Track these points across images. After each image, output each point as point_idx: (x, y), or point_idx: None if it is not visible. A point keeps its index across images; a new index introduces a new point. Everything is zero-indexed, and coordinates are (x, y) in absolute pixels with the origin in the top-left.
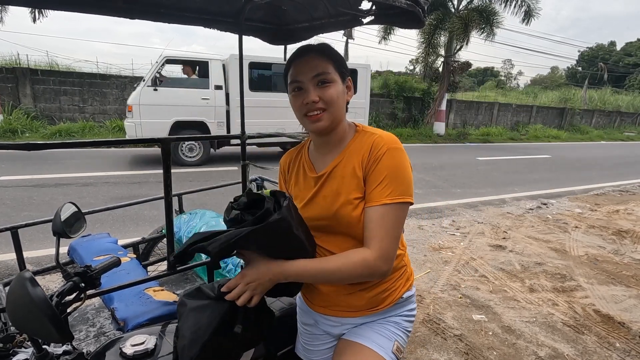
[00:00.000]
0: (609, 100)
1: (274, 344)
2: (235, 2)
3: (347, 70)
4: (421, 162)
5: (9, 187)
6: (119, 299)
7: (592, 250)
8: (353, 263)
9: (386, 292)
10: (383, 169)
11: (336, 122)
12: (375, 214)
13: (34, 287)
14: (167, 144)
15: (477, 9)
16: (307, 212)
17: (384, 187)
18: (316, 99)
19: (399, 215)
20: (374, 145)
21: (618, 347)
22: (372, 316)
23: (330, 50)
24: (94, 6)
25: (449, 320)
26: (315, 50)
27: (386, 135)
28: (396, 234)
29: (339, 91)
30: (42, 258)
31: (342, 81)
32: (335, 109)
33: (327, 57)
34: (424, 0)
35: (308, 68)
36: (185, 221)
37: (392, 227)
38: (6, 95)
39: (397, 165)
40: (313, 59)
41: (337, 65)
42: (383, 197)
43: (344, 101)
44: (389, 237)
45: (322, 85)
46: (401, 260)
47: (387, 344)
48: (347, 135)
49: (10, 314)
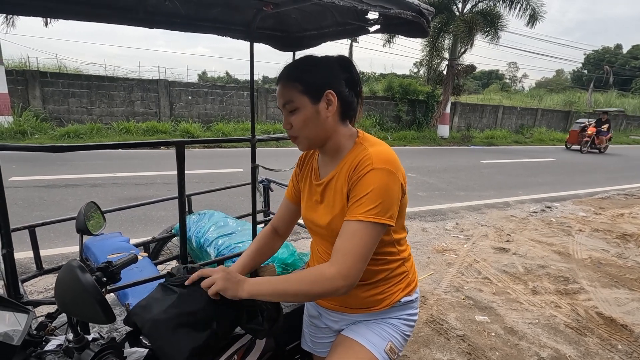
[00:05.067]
0: (614, 104)
1: (282, 338)
2: (246, 12)
3: (326, 84)
4: (425, 164)
5: (20, 187)
6: (134, 295)
7: (595, 254)
8: (311, 281)
9: (382, 295)
10: (364, 186)
11: (316, 142)
12: (347, 229)
13: (83, 273)
14: (181, 147)
15: (482, 12)
16: (310, 216)
17: (361, 204)
18: (288, 126)
19: (371, 234)
20: (360, 163)
21: (620, 349)
22: (368, 315)
23: (298, 71)
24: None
25: (452, 320)
26: (284, 77)
27: (378, 153)
28: (363, 253)
29: (307, 116)
30: (53, 257)
31: (313, 101)
32: (307, 133)
33: (294, 82)
34: (428, 11)
35: (279, 96)
36: (194, 221)
37: (360, 245)
38: (16, 97)
39: (378, 185)
40: (282, 87)
41: (307, 85)
42: (358, 213)
43: (318, 122)
44: (353, 254)
45: (290, 113)
46: (402, 265)
47: (380, 343)
48: (346, 146)
49: (59, 299)
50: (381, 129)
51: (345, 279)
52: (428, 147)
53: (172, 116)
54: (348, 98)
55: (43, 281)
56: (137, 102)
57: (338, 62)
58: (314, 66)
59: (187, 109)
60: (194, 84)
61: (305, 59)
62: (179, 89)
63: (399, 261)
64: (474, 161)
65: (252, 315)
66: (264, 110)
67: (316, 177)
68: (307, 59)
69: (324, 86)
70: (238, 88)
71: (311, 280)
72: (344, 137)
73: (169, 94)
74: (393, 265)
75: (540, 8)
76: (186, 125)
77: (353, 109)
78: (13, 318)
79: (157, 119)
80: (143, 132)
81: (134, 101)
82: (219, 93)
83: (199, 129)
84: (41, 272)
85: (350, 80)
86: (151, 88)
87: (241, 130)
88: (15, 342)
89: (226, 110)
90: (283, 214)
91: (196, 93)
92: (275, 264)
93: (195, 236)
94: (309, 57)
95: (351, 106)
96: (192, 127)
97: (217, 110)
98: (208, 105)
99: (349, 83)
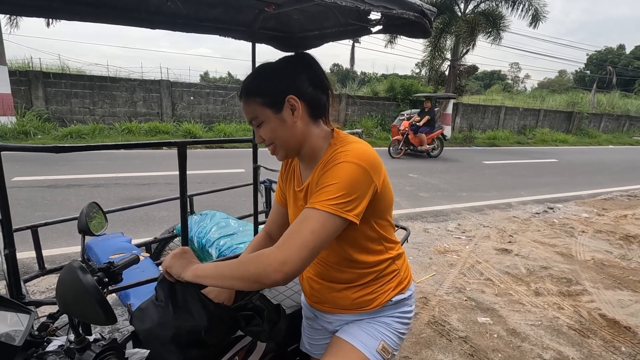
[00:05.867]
0: (617, 104)
1: (284, 340)
2: (248, 12)
3: (285, 90)
4: (427, 165)
5: (23, 187)
6: (135, 295)
7: (598, 255)
8: (250, 261)
9: (373, 295)
10: (330, 177)
11: (292, 149)
12: (302, 215)
13: (84, 274)
14: (183, 147)
15: (484, 13)
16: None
17: (322, 193)
18: (260, 140)
19: (325, 226)
20: (332, 158)
21: (624, 351)
22: (360, 315)
23: (254, 84)
24: (119, 18)
25: (454, 322)
26: (244, 92)
27: (353, 150)
28: (311, 242)
29: (273, 126)
30: (56, 257)
31: (275, 111)
32: (281, 141)
33: (253, 96)
34: (431, 12)
35: (244, 113)
36: (196, 222)
37: (309, 233)
38: (19, 97)
39: (346, 178)
40: (244, 103)
41: (265, 97)
42: (317, 201)
43: (287, 129)
44: (299, 241)
45: (258, 127)
46: (391, 264)
47: (371, 343)
48: (321, 149)
49: (60, 299)
50: (383, 129)
51: (283, 264)
52: None
53: (174, 117)
54: (314, 97)
55: (45, 281)
56: (140, 103)
57: (296, 62)
58: (270, 75)
59: (189, 110)
60: (196, 85)
61: (260, 68)
62: (181, 89)
63: (387, 260)
64: (476, 162)
65: (250, 318)
66: None
67: (298, 183)
68: (262, 68)
69: (283, 93)
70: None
71: (250, 260)
72: (318, 139)
73: (171, 94)
74: (382, 265)
75: (542, 8)
76: (188, 126)
77: (322, 107)
78: (15, 318)
79: (159, 120)
80: (145, 132)
81: (136, 102)
82: (221, 94)
83: (201, 130)
84: (43, 272)
85: (313, 77)
86: (153, 89)
87: (243, 130)
88: (17, 343)
89: (228, 110)
90: (275, 218)
91: (198, 94)
92: None
93: (197, 236)
94: (264, 66)
95: (319, 104)
96: (194, 127)
97: (219, 111)
98: (210, 105)
99: (312, 81)
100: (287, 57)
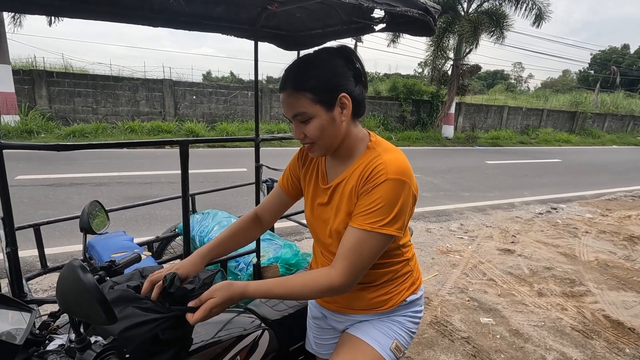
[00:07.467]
0: (621, 104)
1: (286, 339)
2: (251, 11)
3: (337, 87)
4: (429, 165)
5: (26, 186)
6: None
7: (602, 256)
8: (317, 285)
9: (388, 295)
10: (376, 196)
11: (332, 148)
12: (354, 237)
13: (84, 273)
14: (185, 146)
15: (487, 12)
16: (314, 217)
17: (370, 213)
18: (301, 136)
19: (377, 245)
20: (374, 171)
21: (628, 352)
22: (374, 315)
23: (305, 77)
24: (122, 16)
25: (456, 322)
26: (290, 84)
27: (392, 162)
28: (367, 262)
29: (323, 124)
30: (58, 255)
31: (328, 107)
32: (323, 141)
33: (303, 89)
34: (435, 9)
35: (287, 107)
36: (198, 221)
37: (365, 255)
38: (23, 96)
39: (390, 197)
40: (289, 96)
41: (318, 94)
42: (366, 222)
43: (334, 128)
44: (358, 264)
45: (303, 122)
46: (406, 265)
47: (385, 341)
48: (358, 150)
49: (61, 298)
50: (385, 129)
51: (350, 286)
52: (432, 147)
53: (176, 116)
54: (359, 96)
55: (47, 279)
56: (142, 102)
57: (342, 57)
58: (319, 69)
59: (192, 109)
60: (198, 84)
61: (307, 60)
62: (183, 88)
63: (403, 262)
64: (479, 162)
65: None
66: (268, 110)
67: (323, 180)
68: (310, 60)
69: (335, 90)
70: (242, 88)
71: (319, 285)
72: (356, 140)
73: (173, 93)
74: (398, 266)
75: (546, 8)
76: (190, 125)
77: (364, 106)
78: (16, 317)
79: (162, 119)
80: (148, 131)
81: (139, 101)
82: (223, 93)
83: (203, 129)
84: (46, 271)
85: (359, 74)
86: (156, 88)
87: (245, 130)
88: (18, 342)
89: (230, 110)
90: (272, 202)
91: (200, 93)
92: (279, 264)
93: (199, 235)
94: (311, 58)
95: (362, 103)
96: (197, 126)
97: (222, 110)
98: (212, 105)
99: (357, 78)
100: (329, 48)
